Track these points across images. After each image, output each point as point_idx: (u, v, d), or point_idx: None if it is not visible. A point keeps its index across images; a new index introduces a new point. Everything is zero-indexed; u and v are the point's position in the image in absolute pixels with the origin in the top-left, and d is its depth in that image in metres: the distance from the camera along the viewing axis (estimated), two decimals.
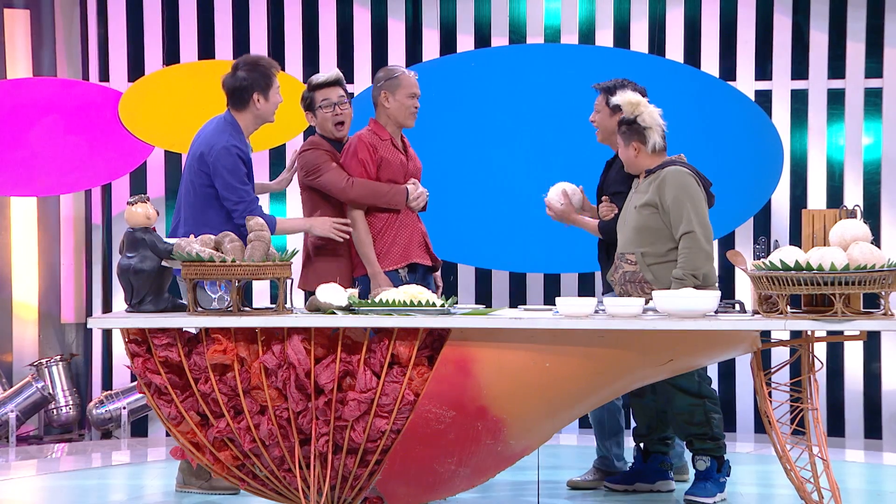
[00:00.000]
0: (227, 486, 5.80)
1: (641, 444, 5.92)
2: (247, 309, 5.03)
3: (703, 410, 5.68)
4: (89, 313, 8.59)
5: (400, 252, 5.93)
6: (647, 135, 5.66)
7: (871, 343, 8.16)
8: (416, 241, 5.96)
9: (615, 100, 5.74)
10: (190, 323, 4.91)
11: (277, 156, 8.58)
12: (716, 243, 7.35)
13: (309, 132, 7.73)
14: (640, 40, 8.34)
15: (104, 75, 8.65)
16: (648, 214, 5.62)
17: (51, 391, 8.33)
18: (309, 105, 6.13)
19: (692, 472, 5.90)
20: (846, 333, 4.87)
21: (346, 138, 6.08)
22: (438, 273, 6.15)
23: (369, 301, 5.01)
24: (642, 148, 5.67)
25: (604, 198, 5.94)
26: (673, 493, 5.88)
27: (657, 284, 5.54)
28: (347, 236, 5.91)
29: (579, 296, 8.20)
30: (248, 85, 5.87)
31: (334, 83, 6.09)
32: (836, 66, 8.25)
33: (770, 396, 5.09)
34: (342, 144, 6.07)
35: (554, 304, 5.12)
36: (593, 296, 8.00)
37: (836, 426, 8.20)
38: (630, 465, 5.98)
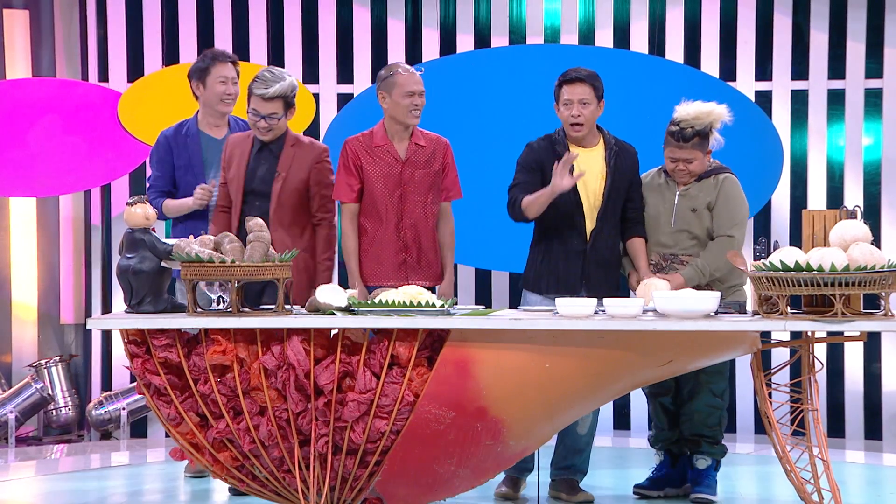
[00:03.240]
0: None
1: (667, 449, 5.87)
2: (246, 310, 5.02)
3: (718, 414, 5.70)
4: (88, 314, 8.58)
5: (369, 273, 5.87)
6: (710, 140, 5.75)
7: (872, 344, 8.15)
8: (392, 262, 5.86)
9: (681, 115, 5.68)
10: (189, 324, 4.91)
11: None
12: None
13: (311, 132, 7.74)
14: (640, 41, 8.34)
15: (103, 76, 8.64)
16: (708, 218, 5.67)
17: (50, 392, 8.32)
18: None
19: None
20: (846, 334, 4.86)
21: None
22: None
23: (369, 302, 5.00)
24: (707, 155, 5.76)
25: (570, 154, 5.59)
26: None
27: (716, 288, 5.55)
28: (203, 201, 6.05)
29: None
30: (189, 73, 6.15)
31: (271, 99, 5.79)
32: (837, 67, 8.24)
33: (770, 397, 5.08)
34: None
35: (553, 305, 5.11)
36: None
37: (836, 427, 8.19)
38: (654, 469, 5.93)
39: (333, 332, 4.95)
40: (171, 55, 8.58)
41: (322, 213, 5.86)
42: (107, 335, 8.60)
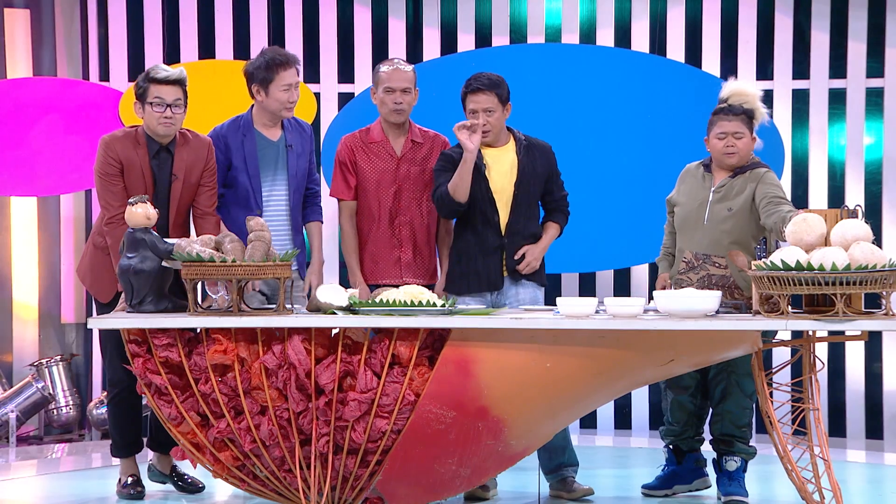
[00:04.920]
0: None
1: (673, 445, 5.84)
2: (247, 309, 5.02)
3: (749, 415, 5.69)
4: (89, 313, 8.58)
5: (366, 271, 5.88)
6: (755, 124, 5.65)
7: (873, 343, 8.15)
8: (387, 259, 5.86)
9: (728, 91, 5.58)
10: (190, 323, 4.91)
11: None
12: None
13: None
14: (640, 40, 8.34)
15: (104, 75, 8.64)
16: (748, 216, 5.51)
17: (51, 391, 8.32)
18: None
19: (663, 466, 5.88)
20: (847, 333, 4.86)
21: (167, 137, 5.61)
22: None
23: (370, 301, 5.00)
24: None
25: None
26: (709, 489, 5.84)
27: (748, 292, 5.41)
28: None
29: (580, 296, 8.18)
30: (249, 74, 5.84)
31: (174, 82, 5.58)
32: (838, 66, 8.24)
33: (771, 397, 5.09)
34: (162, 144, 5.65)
35: (555, 305, 5.11)
36: (594, 296, 7.99)
37: (837, 426, 8.19)
38: (662, 467, 5.91)
39: (334, 331, 4.96)
40: (171, 54, 8.57)
41: (208, 205, 5.70)
42: None
